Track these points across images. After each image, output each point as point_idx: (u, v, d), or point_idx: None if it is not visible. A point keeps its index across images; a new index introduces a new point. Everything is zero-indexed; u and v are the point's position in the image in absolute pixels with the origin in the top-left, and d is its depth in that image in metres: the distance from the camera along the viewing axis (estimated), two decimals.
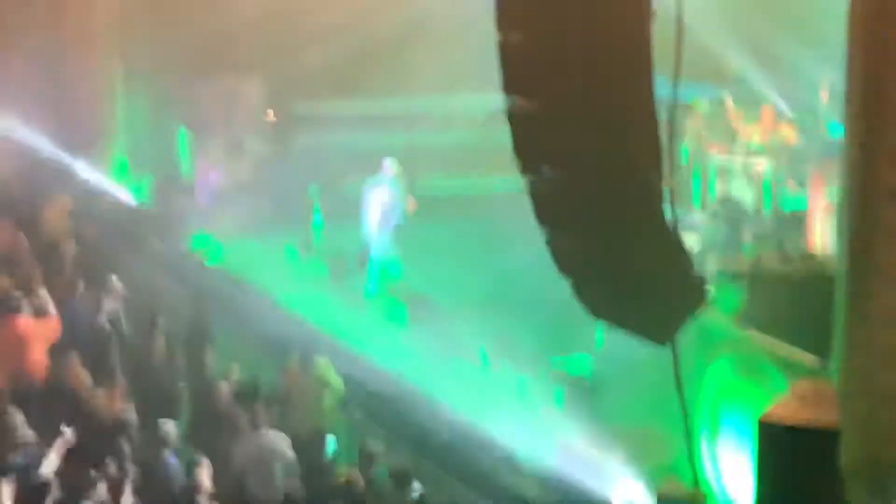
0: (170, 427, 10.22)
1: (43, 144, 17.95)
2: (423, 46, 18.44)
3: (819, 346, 8.01)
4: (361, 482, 9.81)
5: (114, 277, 13.24)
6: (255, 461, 10.11)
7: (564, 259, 8.38)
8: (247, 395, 11.16)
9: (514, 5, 7.50)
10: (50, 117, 17.82)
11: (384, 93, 19.34)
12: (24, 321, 11.98)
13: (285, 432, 10.57)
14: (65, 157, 18.06)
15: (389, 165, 16.52)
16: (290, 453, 10.27)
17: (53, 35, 18.42)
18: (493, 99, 7.98)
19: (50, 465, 9.44)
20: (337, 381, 11.77)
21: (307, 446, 10.48)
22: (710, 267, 11.19)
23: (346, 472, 10.14)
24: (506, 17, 7.49)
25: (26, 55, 17.74)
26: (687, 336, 8.64)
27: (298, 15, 18.54)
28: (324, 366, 11.73)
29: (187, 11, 18.26)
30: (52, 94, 17.91)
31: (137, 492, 9.37)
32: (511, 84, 7.65)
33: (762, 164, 15.82)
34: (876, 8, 6.68)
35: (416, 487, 9.95)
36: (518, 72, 7.60)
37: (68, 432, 9.79)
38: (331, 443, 10.92)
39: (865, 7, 6.74)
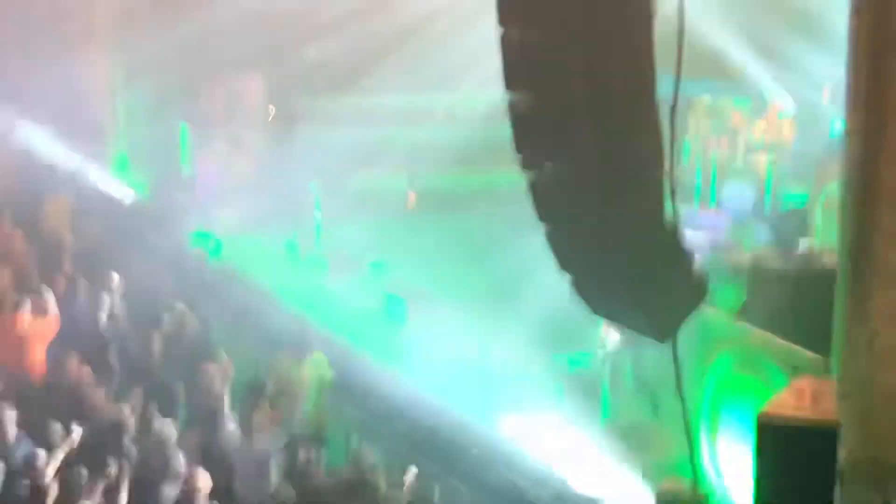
0: (168, 426, 10.20)
1: (44, 141, 17.95)
2: (424, 42, 18.42)
3: (819, 343, 7.99)
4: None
5: (114, 275, 13.21)
6: (249, 461, 10.08)
7: (564, 255, 8.36)
8: (252, 393, 11.16)
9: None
10: (51, 114, 17.82)
11: (386, 88, 19.33)
12: (24, 319, 11.97)
13: (279, 429, 10.56)
14: (66, 154, 18.06)
15: None
16: (282, 453, 10.23)
17: (54, 32, 18.43)
18: (495, 95, 7.96)
19: (53, 465, 9.42)
20: (329, 374, 11.74)
21: (301, 443, 10.44)
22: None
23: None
24: (506, 11, 7.47)
25: (27, 52, 17.74)
26: (687, 333, 8.63)
27: (300, 11, 18.54)
28: (318, 360, 11.70)
29: (188, 7, 18.24)
30: (52, 91, 17.89)
31: (135, 491, 9.36)
32: (512, 79, 7.63)
33: (763, 162, 15.80)
34: (877, 4, 6.66)
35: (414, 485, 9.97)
36: (518, 67, 7.57)
37: (77, 433, 9.76)
38: (326, 440, 10.89)
39: (867, 3, 6.72)
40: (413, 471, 9.88)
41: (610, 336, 11.52)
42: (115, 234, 16.26)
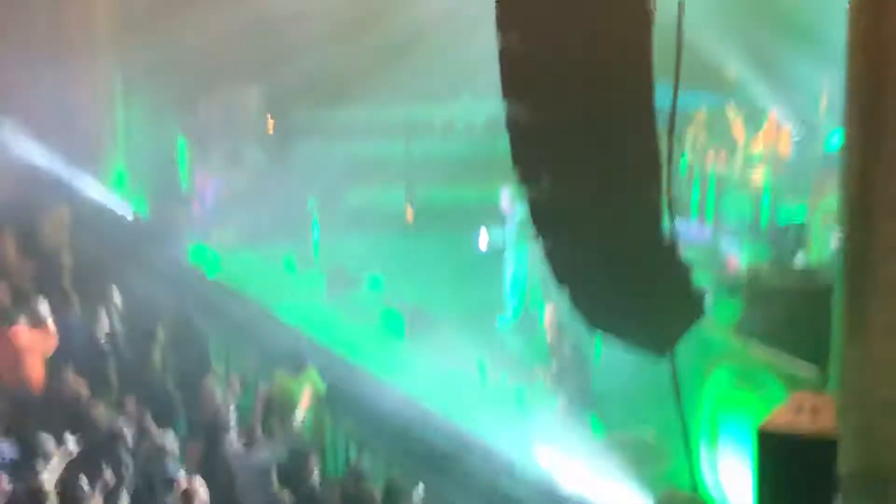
0: (166, 438, 10.19)
1: (41, 155, 17.94)
2: (422, 54, 18.43)
3: (817, 356, 7.99)
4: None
5: (112, 289, 13.21)
6: (250, 473, 10.09)
7: (562, 269, 8.36)
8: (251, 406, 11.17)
9: (514, 10, 7.49)
10: (49, 128, 17.82)
11: (383, 101, 19.33)
12: (22, 332, 11.96)
13: (277, 443, 10.57)
14: (63, 168, 18.06)
15: None
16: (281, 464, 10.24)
17: (53, 44, 18.44)
18: (492, 107, 7.96)
19: (51, 475, 9.42)
20: (321, 386, 11.76)
21: (299, 455, 10.45)
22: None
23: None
24: (505, 21, 7.47)
25: (25, 64, 17.74)
26: (686, 347, 8.63)
27: (297, 23, 18.54)
28: (312, 374, 11.73)
29: (186, 20, 18.25)
30: (51, 104, 17.91)
31: (134, 502, 9.35)
32: (510, 90, 7.63)
33: (760, 175, 15.78)
34: (875, 14, 6.66)
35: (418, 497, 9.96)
36: (517, 78, 7.58)
37: (72, 441, 9.77)
38: (323, 451, 10.90)
39: (865, 13, 6.72)
40: (420, 489, 9.89)
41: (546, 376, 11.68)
42: (113, 249, 16.24)
